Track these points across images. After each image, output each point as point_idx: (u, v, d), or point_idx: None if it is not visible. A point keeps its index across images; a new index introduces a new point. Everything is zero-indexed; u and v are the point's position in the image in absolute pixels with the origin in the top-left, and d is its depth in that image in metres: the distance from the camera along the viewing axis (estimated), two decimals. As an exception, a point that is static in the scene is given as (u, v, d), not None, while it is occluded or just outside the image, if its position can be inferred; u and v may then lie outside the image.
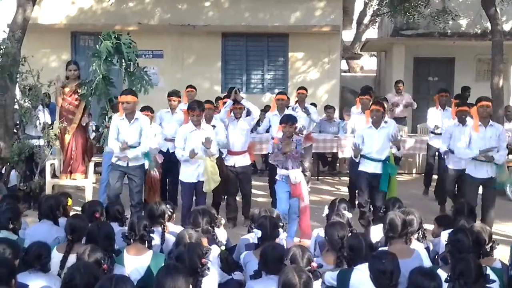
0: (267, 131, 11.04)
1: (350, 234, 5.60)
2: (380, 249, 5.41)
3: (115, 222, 6.45)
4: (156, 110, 10.59)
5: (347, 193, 10.85)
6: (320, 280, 3.90)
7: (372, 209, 8.91)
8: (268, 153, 9.94)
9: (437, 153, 11.14)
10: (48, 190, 9.88)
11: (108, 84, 9.62)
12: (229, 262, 5.84)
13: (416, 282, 3.90)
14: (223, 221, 6.56)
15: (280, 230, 5.73)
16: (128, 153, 8.56)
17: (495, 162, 8.23)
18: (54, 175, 10.27)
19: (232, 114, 9.55)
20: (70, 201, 6.82)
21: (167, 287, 3.87)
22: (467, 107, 9.28)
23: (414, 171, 14.38)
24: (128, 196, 8.75)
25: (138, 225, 5.54)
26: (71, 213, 6.90)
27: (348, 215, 6.64)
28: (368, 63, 31.06)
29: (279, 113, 10.24)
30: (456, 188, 9.85)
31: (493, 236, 6.07)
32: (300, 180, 8.23)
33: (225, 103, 10.25)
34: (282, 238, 5.72)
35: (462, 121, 9.36)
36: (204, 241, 5.62)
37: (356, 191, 9.67)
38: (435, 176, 11.41)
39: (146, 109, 9.68)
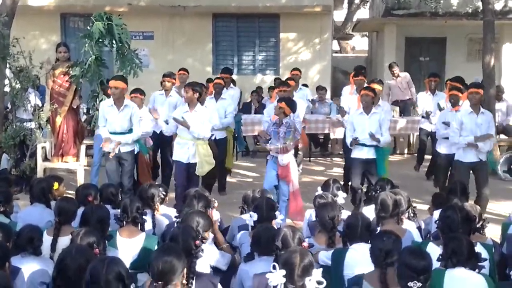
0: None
1: (340, 215, 5.61)
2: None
3: (109, 205, 6.43)
4: (146, 92, 10.51)
5: (339, 174, 10.85)
6: (320, 269, 3.87)
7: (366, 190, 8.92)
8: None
9: (430, 135, 11.15)
10: (39, 173, 9.83)
11: (100, 65, 9.56)
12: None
13: (406, 261, 3.91)
14: (216, 204, 6.54)
15: (277, 212, 5.73)
16: (117, 138, 8.53)
17: (479, 150, 8.27)
18: (45, 158, 10.23)
19: None
20: (56, 185, 6.76)
21: (161, 268, 3.86)
22: (458, 91, 9.26)
23: (405, 151, 14.41)
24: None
25: (131, 207, 5.54)
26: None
27: (342, 194, 6.67)
28: (359, 43, 30.98)
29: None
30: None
31: (485, 215, 6.12)
32: (287, 162, 8.24)
33: (215, 84, 10.24)
34: (279, 221, 5.71)
35: (453, 105, 9.35)
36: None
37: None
38: (427, 156, 11.44)
39: (137, 91, 9.63)
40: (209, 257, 5.14)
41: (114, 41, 9.40)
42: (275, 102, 9.85)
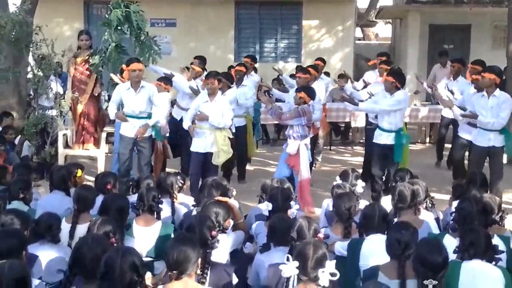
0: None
1: (357, 205, 5.59)
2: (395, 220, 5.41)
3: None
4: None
5: (360, 163, 10.79)
6: (334, 261, 3.87)
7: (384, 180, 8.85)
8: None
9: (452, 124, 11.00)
10: (60, 161, 9.91)
11: (121, 52, 9.58)
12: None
13: (422, 257, 3.89)
14: (234, 192, 6.55)
15: (292, 202, 5.73)
16: (137, 123, 8.55)
17: (482, 127, 8.22)
18: (66, 146, 10.31)
19: None
20: (80, 172, 6.83)
21: (177, 257, 3.88)
22: (479, 75, 9.12)
23: (427, 140, 14.29)
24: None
25: (147, 195, 5.56)
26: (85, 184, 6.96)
27: (361, 184, 6.64)
28: (383, 30, 30.72)
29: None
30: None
31: (505, 206, 6.05)
32: (296, 151, 8.21)
33: (236, 71, 10.23)
34: (294, 211, 5.70)
35: (477, 89, 9.18)
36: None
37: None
38: (448, 146, 11.32)
39: (162, 80, 9.63)
40: (226, 245, 5.14)
41: (132, 28, 9.41)
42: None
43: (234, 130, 9.37)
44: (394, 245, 4.29)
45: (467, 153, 9.73)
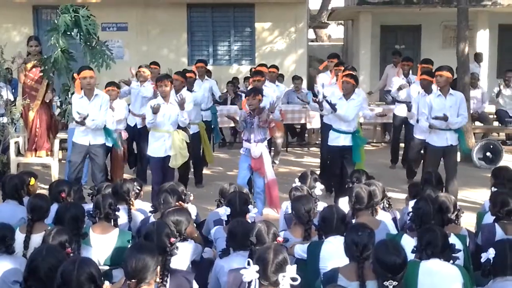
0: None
1: (315, 207, 5.60)
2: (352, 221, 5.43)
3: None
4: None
5: (316, 164, 10.84)
6: (295, 266, 3.86)
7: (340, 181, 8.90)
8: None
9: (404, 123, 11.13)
10: (13, 169, 9.72)
11: (68, 58, 9.44)
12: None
13: (380, 259, 3.91)
14: (192, 197, 6.50)
15: (250, 206, 5.70)
16: (88, 123, 8.41)
17: (450, 128, 8.30)
18: (18, 153, 10.11)
19: None
20: (33, 181, 6.68)
21: (135, 266, 3.82)
22: (429, 75, 9.24)
23: (383, 140, 14.43)
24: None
25: (103, 203, 5.47)
26: (38, 192, 6.82)
27: (320, 186, 6.66)
28: (335, 31, 31.01)
29: None
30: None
31: (461, 203, 6.14)
32: (260, 154, 8.21)
33: (187, 77, 10.16)
34: (253, 215, 5.68)
35: (426, 89, 9.27)
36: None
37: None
38: (402, 145, 11.46)
39: (112, 84, 9.52)
40: (187, 253, 5.09)
41: (81, 33, 9.27)
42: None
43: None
44: (352, 247, 4.31)
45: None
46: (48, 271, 3.78)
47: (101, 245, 5.31)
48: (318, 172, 8.65)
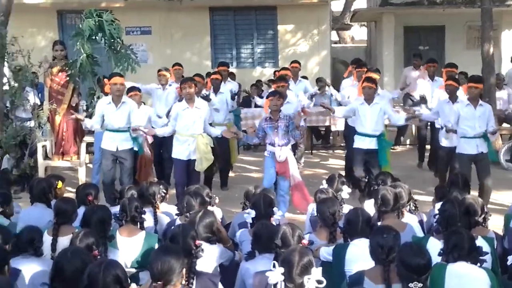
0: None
1: (341, 210, 5.59)
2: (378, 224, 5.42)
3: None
4: (146, 87, 10.53)
5: (341, 167, 10.82)
6: (320, 268, 3.86)
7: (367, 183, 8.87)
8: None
9: (429, 124, 11.06)
10: (40, 173, 9.85)
11: (92, 63, 9.53)
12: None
13: (405, 261, 3.89)
14: (217, 200, 6.53)
15: (275, 209, 5.71)
16: (117, 136, 8.55)
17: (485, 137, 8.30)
18: (46, 157, 10.23)
19: None
20: (60, 184, 6.77)
21: (161, 268, 3.85)
22: (455, 82, 9.17)
23: (408, 142, 14.36)
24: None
25: (129, 206, 5.53)
26: (66, 195, 6.91)
27: (347, 189, 6.65)
28: (358, 33, 30.88)
29: None
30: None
31: (488, 206, 6.08)
32: (285, 158, 8.22)
33: (212, 79, 10.22)
34: (277, 217, 5.68)
35: (450, 96, 9.18)
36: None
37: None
38: (428, 147, 11.39)
39: (134, 89, 9.60)
40: (214, 255, 5.11)
41: (105, 38, 9.35)
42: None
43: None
44: (377, 250, 4.30)
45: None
46: (73, 273, 3.82)
47: (127, 247, 5.35)
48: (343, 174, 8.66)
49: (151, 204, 6.31)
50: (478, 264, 4.41)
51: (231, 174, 10.95)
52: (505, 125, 13.26)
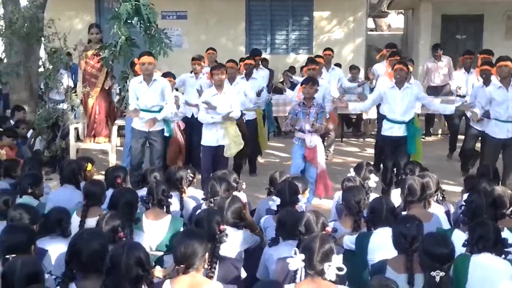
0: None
1: (367, 198, 5.57)
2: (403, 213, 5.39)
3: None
4: (180, 71, 10.58)
5: (371, 155, 10.76)
6: (341, 256, 3.85)
7: (395, 172, 8.80)
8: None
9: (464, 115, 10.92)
10: (72, 154, 9.96)
11: (131, 45, 9.57)
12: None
13: (427, 250, 3.85)
14: (244, 185, 6.54)
15: (300, 196, 5.70)
16: (148, 116, 8.53)
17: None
18: (78, 139, 10.35)
19: None
20: (89, 166, 6.85)
21: (184, 251, 3.89)
22: (490, 66, 9.04)
23: (439, 131, 14.20)
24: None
25: (157, 189, 5.58)
26: (96, 177, 6.99)
27: (374, 178, 6.61)
28: (395, 21, 30.54)
29: None
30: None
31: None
32: (315, 144, 8.21)
33: (246, 64, 10.23)
34: (302, 205, 5.67)
35: (485, 81, 9.12)
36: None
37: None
38: (461, 137, 11.25)
39: (168, 75, 9.60)
40: (238, 240, 5.13)
41: (142, 21, 9.39)
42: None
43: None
44: (400, 239, 4.28)
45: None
46: (90, 255, 3.83)
47: (153, 231, 5.40)
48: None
49: (178, 189, 6.35)
50: (503, 256, 4.35)
51: (260, 160, 10.95)
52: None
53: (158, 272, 4.63)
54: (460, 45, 18.79)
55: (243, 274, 4.52)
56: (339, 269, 3.75)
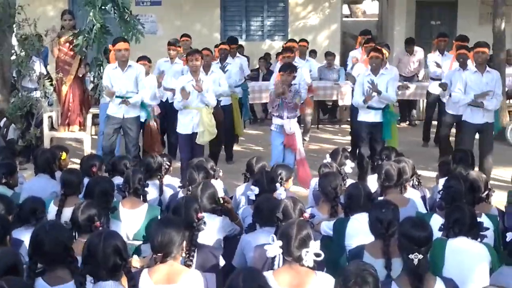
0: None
1: (343, 184, 5.58)
2: (379, 199, 5.41)
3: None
4: (155, 58, 10.47)
5: (347, 141, 10.79)
6: (318, 241, 3.85)
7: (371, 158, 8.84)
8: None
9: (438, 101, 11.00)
10: (46, 143, 9.85)
11: (105, 32, 9.48)
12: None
13: (406, 233, 3.87)
14: (221, 173, 6.52)
15: (278, 185, 5.70)
16: (130, 100, 8.43)
17: (485, 108, 8.20)
18: (52, 128, 10.24)
19: None
20: (64, 155, 6.76)
21: (161, 240, 3.87)
22: (467, 51, 9.12)
23: (415, 117, 14.26)
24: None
25: (133, 178, 5.55)
26: (70, 166, 6.92)
27: (350, 164, 6.63)
28: (370, 7, 30.57)
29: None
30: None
31: (492, 182, 6.05)
32: (294, 131, 8.21)
33: (220, 49, 10.19)
34: (281, 192, 5.66)
35: (462, 65, 9.22)
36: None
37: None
38: (435, 123, 11.33)
39: (143, 58, 9.54)
40: (216, 228, 5.11)
41: (116, 8, 9.29)
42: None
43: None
44: (377, 224, 4.31)
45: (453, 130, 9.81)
46: (52, 247, 3.74)
47: (130, 219, 5.38)
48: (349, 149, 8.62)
49: (157, 176, 6.31)
50: (479, 240, 4.40)
51: (236, 148, 10.93)
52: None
53: (135, 262, 4.60)
54: (435, 31, 18.80)
55: (222, 262, 4.50)
56: (317, 255, 3.75)
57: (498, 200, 6.24)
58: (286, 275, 3.78)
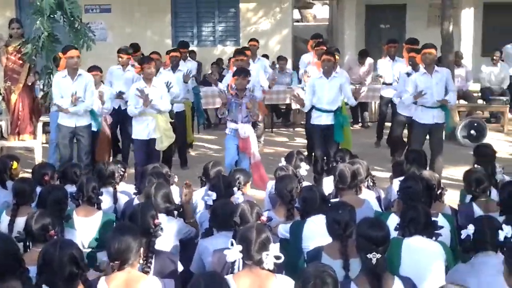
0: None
1: (299, 187, 5.60)
2: (333, 200, 5.44)
3: (73, 185, 6.27)
4: (106, 65, 10.34)
5: (302, 144, 10.84)
6: (278, 244, 3.86)
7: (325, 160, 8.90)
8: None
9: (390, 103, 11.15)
10: (-4, 152, 9.67)
11: (53, 41, 9.37)
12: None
13: (364, 233, 3.90)
14: (176, 179, 6.49)
15: (235, 189, 5.69)
16: (70, 108, 8.33)
17: (443, 104, 8.35)
18: (1, 137, 10.05)
19: None
20: (15, 164, 6.63)
21: (117, 247, 3.82)
22: (416, 53, 9.26)
23: (367, 119, 14.43)
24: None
25: (87, 186, 5.47)
26: (22, 175, 6.79)
27: (305, 166, 6.65)
28: (320, 11, 30.88)
29: None
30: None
31: (444, 181, 6.15)
32: (249, 135, 8.21)
33: (172, 57, 10.13)
34: (239, 196, 5.65)
35: (413, 67, 9.39)
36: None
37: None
38: (388, 124, 11.47)
39: (95, 69, 9.41)
40: (173, 232, 5.07)
41: (65, 16, 9.19)
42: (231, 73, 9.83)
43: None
44: (334, 225, 4.34)
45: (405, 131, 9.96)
46: (2, 258, 3.59)
47: (85, 228, 5.30)
48: (305, 153, 8.68)
49: (111, 184, 6.24)
50: (434, 238, 4.46)
51: (192, 153, 10.88)
52: (462, 102, 13.46)
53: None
54: (384, 34, 19.13)
55: (180, 267, 4.47)
56: (277, 257, 3.76)
57: (451, 198, 6.33)
58: (247, 278, 3.78)
